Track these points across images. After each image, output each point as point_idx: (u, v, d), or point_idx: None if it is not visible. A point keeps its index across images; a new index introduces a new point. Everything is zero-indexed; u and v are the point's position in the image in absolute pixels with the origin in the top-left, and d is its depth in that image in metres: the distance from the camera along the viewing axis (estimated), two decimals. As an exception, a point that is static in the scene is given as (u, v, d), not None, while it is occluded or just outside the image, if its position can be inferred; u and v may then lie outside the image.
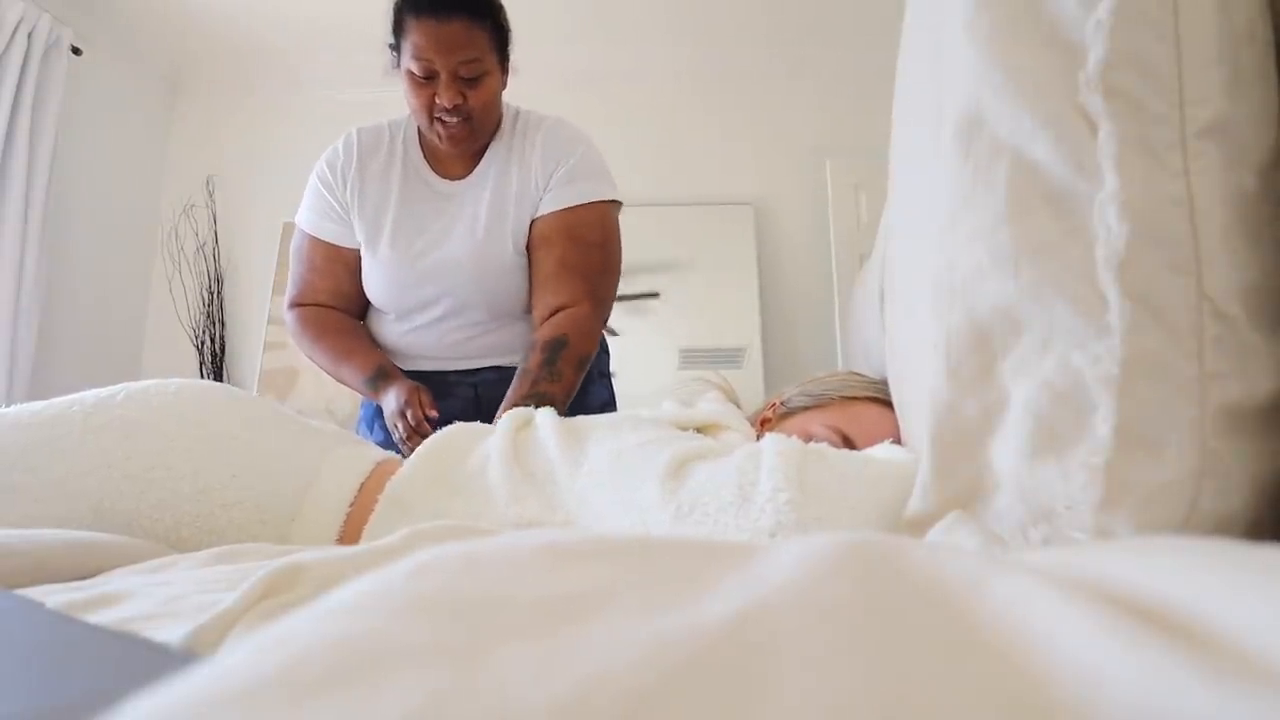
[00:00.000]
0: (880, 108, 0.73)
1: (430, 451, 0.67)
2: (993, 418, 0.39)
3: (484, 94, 1.09)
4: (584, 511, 0.58)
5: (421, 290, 1.17)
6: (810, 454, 0.54)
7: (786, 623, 0.14)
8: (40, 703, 0.20)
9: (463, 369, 1.22)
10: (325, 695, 0.12)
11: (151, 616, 0.34)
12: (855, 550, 0.18)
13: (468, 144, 1.14)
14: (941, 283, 0.42)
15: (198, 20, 2.72)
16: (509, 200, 1.16)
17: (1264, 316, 0.32)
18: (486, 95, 1.09)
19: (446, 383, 1.22)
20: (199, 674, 0.13)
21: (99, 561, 0.49)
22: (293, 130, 2.92)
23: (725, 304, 2.66)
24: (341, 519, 0.64)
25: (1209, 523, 0.31)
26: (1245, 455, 0.31)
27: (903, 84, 0.56)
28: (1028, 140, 0.35)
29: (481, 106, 1.09)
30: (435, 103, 1.07)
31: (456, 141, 1.12)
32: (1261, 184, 0.33)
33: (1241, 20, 0.33)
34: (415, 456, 0.67)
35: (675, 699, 0.12)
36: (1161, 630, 0.14)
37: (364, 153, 1.19)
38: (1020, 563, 0.18)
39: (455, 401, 1.19)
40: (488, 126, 1.15)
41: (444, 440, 0.69)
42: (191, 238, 2.82)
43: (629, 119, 2.79)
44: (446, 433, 0.70)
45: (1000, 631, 0.15)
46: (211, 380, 1.46)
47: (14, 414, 0.65)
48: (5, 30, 2.19)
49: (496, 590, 0.16)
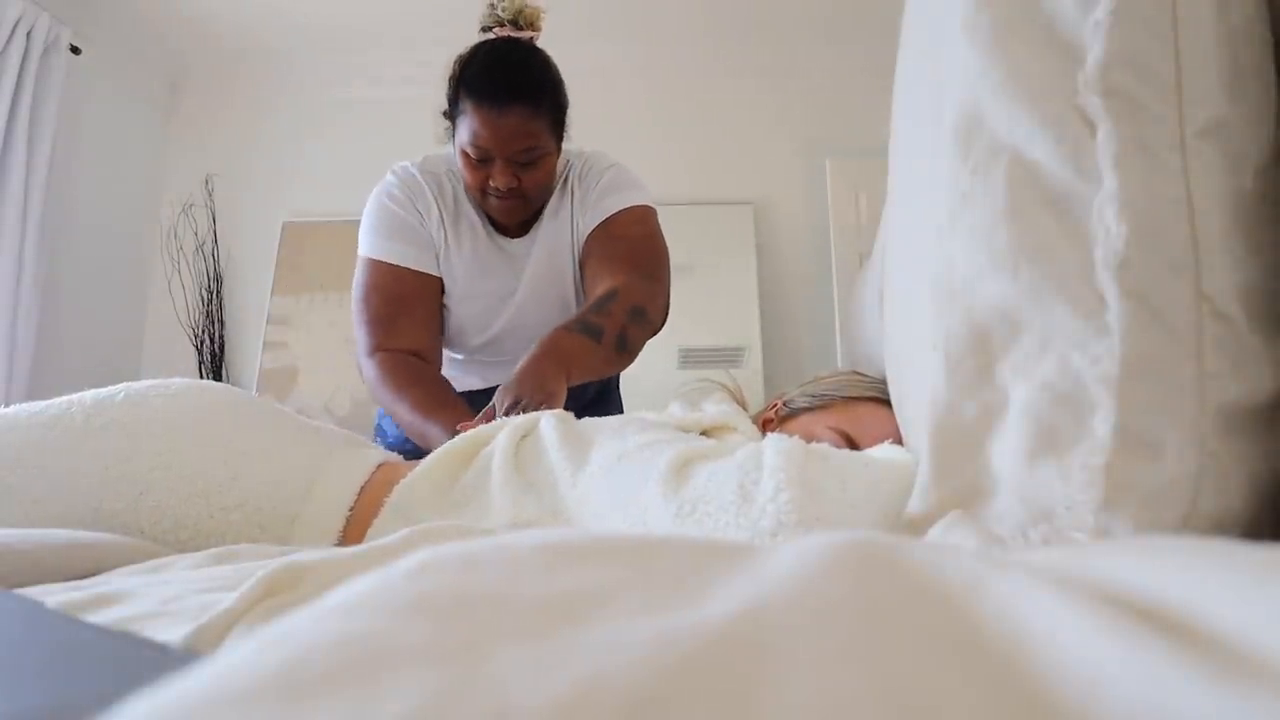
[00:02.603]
0: (880, 108, 0.73)
1: (439, 459, 0.67)
2: (992, 418, 0.39)
3: (539, 175, 1.08)
4: (584, 512, 0.58)
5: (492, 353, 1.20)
6: (811, 454, 0.54)
7: (786, 623, 0.14)
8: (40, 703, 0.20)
9: None
10: (325, 695, 0.12)
11: (151, 616, 0.34)
12: (855, 550, 0.18)
13: (521, 216, 1.12)
14: (940, 283, 0.42)
15: (197, 20, 2.71)
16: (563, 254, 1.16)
17: (1263, 317, 0.32)
18: (542, 176, 1.08)
19: None
20: (199, 674, 0.13)
21: (99, 561, 0.49)
22: (292, 130, 2.92)
23: (725, 304, 2.66)
24: (342, 522, 0.64)
25: (1209, 523, 0.31)
26: (1245, 455, 0.32)
27: (902, 84, 0.56)
28: (1027, 140, 0.35)
29: (535, 187, 1.08)
30: (490, 183, 1.06)
31: (510, 215, 1.11)
32: (1260, 184, 0.33)
33: (1240, 20, 0.33)
34: (424, 464, 0.67)
35: (675, 699, 0.12)
36: (1161, 630, 0.14)
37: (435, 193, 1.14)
38: (1020, 563, 0.18)
39: None
40: (544, 199, 1.14)
41: (451, 449, 0.68)
42: (191, 237, 2.82)
43: (629, 119, 2.79)
44: (455, 441, 0.69)
45: (1000, 632, 0.15)
46: (211, 380, 1.46)
47: (13, 414, 0.65)
48: (4, 29, 2.19)
49: (496, 590, 0.16)
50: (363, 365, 1.11)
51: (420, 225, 1.13)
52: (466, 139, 1.03)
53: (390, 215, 1.13)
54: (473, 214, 1.16)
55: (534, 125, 1.03)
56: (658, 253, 1.15)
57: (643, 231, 1.14)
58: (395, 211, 1.13)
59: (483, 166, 1.05)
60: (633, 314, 1.02)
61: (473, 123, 1.02)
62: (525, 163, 1.05)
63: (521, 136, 1.02)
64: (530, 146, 1.04)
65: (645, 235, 1.14)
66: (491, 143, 1.02)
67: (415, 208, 1.13)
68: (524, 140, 1.03)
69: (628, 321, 1.01)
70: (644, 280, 1.08)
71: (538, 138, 1.04)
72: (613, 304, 1.01)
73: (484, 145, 1.02)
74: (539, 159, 1.06)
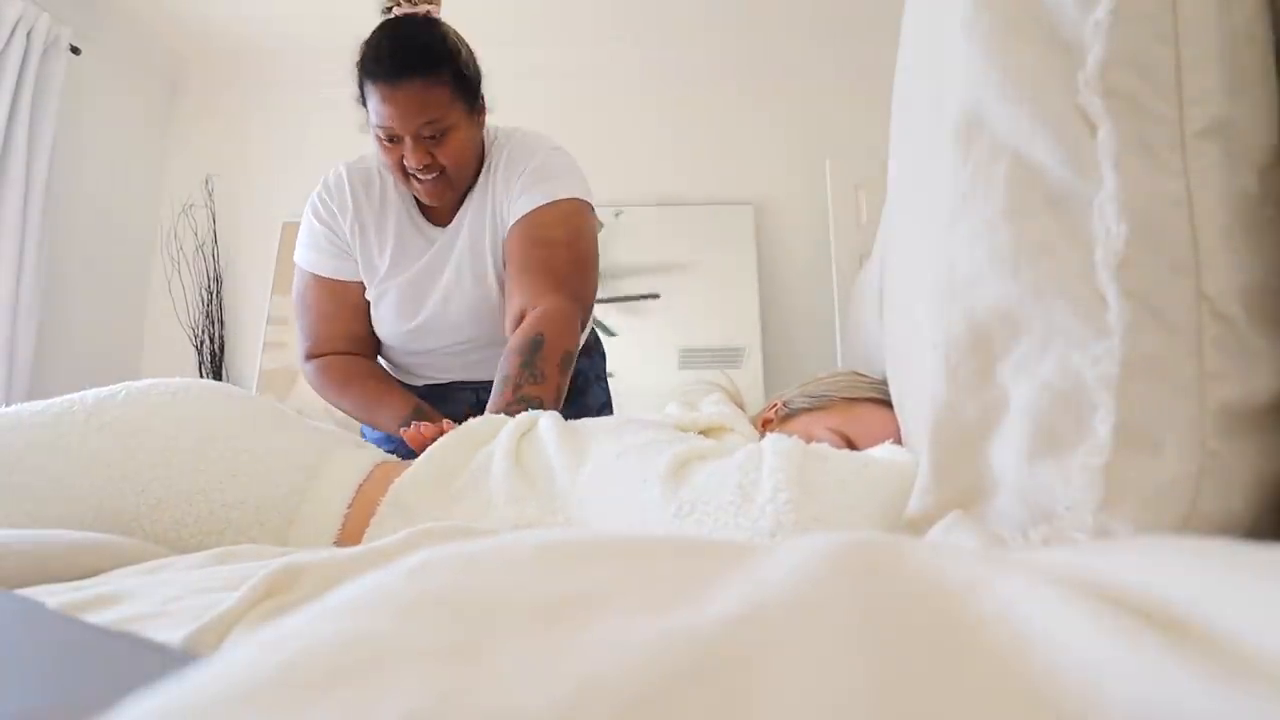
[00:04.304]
0: (880, 108, 0.73)
1: (434, 456, 0.67)
2: (992, 418, 0.39)
3: (452, 148, 1.05)
4: (584, 512, 0.58)
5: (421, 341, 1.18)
6: (811, 454, 0.54)
7: (786, 623, 0.14)
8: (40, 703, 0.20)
9: (465, 380, 1.24)
10: (325, 695, 0.12)
11: (151, 616, 0.34)
12: (855, 550, 0.18)
13: (447, 197, 1.10)
14: (941, 283, 0.42)
15: (197, 20, 2.71)
16: (484, 239, 1.13)
17: (1264, 316, 0.32)
18: (455, 149, 1.05)
19: (449, 390, 1.24)
20: (199, 674, 0.13)
21: (99, 561, 0.49)
22: (292, 130, 2.92)
23: (725, 304, 2.66)
24: (339, 521, 0.64)
25: (1209, 523, 0.31)
26: (1245, 455, 0.31)
27: (902, 84, 0.56)
28: (1027, 140, 0.35)
29: (452, 161, 1.05)
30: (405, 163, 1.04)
31: (435, 196, 1.09)
32: (1261, 184, 0.33)
33: (1241, 20, 0.33)
34: (420, 461, 0.67)
35: (675, 699, 0.12)
36: (1161, 630, 0.14)
37: (356, 192, 1.15)
38: (1020, 563, 0.18)
39: (456, 406, 1.20)
40: (465, 175, 1.10)
41: (448, 445, 0.68)
42: (191, 237, 2.82)
43: (629, 119, 2.79)
44: (451, 437, 0.69)
45: (1000, 632, 0.15)
46: (211, 380, 1.47)
47: (15, 414, 0.65)
48: (4, 29, 2.19)
49: (497, 590, 0.16)
50: (303, 370, 1.19)
51: (335, 234, 1.15)
52: (374, 120, 1.03)
53: (310, 226, 1.16)
54: (399, 203, 1.15)
55: (432, 95, 1.00)
56: (581, 260, 1.09)
57: (566, 234, 1.08)
58: (313, 223, 1.16)
59: (394, 146, 1.03)
60: (564, 363, 0.98)
61: (374, 102, 1.01)
62: (433, 136, 1.02)
63: (421, 109, 1.00)
64: (433, 119, 1.01)
65: (569, 239, 1.08)
66: (394, 119, 1.00)
67: (333, 213, 1.15)
68: (425, 112, 1.00)
69: (561, 377, 0.97)
70: (567, 302, 1.03)
71: (440, 109, 1.01)
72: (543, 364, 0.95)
73: (388, 124, 1.01)
74: (447, 131, 1.03)
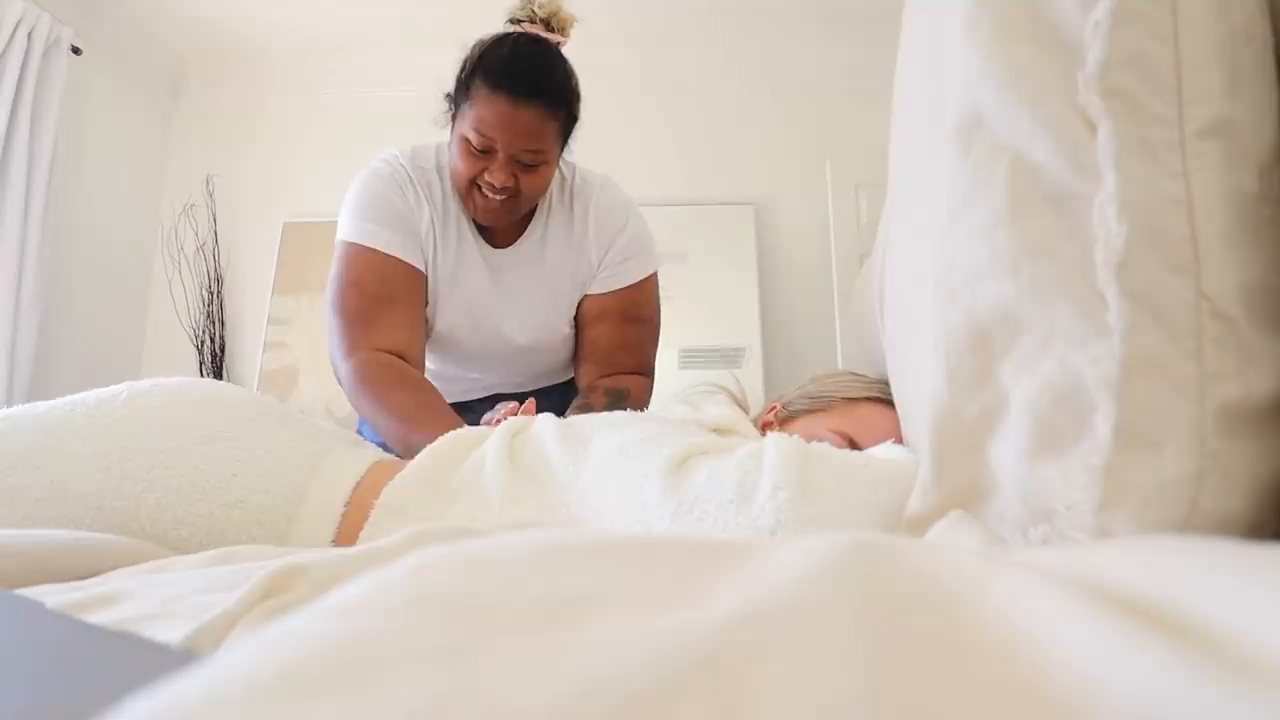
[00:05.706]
0: (880, 108, 0.73)
1: (427, 458, 0.67)
2: (992, 418, 0.39)
3: (537, 181, 1.02)
4: (585, 508, 0.58)
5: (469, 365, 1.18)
6: (811, 453, 0.54)
7: (785, 623, 0.14)
8: (40, 703, 0.20)
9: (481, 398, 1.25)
10: (325, 695, 0.12)
11: (151, 616, 0.34)
12: (855, 550, 0.18)
13: (504, 221, 1.07)
14: (941, 283, 0.42)
15: (198, 20, 2.72)
16: (562, 279, 1.13)
17: (1264, 316, 0.32)
18: (539, 182, 1.03)
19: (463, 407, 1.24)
20: (199, 674, 0.13)
21: (99, 561, 0.49)
22: (293, 130, 2.92)
23: (725, 304, 2.66)
24: (336, 521, 0.64)
25: (1209, 523, 0.31)
26: (1245, 455, 0.31)
27: (902, 83, 0.56)
28: (1027, 140, 0.35)
29: (530, 191, 1.03)
30: (484, 177, 1.00)
31: (493, 217, 1.05)
32: (1261, 184, 0.33)
33: (1241, 20, 0.33)
34: (413, 463, 0.67)
35: (675, 699, 0.12)
36: (1161, 630, 0.14)
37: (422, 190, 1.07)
38: (1020, 563, 0.18)
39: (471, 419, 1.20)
40: (529, 207, 1.09)
41: (441, 447, 0.68)
42: (191, 237, 2.82)
43: (628, 119, 2.79)
44: (444, 440, 0.69)
45: (1000, 632, 0.15)
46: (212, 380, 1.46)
47: (17, 414, 0.65)
48: (5, 30, 2.19)
49: (496, 590, 0.16)
50: (338, 367, 1.01)
51: (411, 215, 1.06)
52: (471, 125, 0.97)
53: (379, 198, 1.04)
54: (461, 218, 1.10)
55: (546, 128, 0.98)
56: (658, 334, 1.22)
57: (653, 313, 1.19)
58: (386, 195, 1.04)
59: (481, 158, 0.99)
60: None
61: (484, 110, 0.96)
62: (528, 164, 1.00)
63: (531, 136, 0.97)
64: (537, 149, 0.99)
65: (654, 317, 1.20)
66: (499, 133, 0.96)
67: (406, 197, 1.06)
68: (533, 140, 0.98)
69: None
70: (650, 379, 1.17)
71: (545, 141, 0.99)
72: None
73: (490, 135, 0.97)
74: (541, 165, 1.01)
